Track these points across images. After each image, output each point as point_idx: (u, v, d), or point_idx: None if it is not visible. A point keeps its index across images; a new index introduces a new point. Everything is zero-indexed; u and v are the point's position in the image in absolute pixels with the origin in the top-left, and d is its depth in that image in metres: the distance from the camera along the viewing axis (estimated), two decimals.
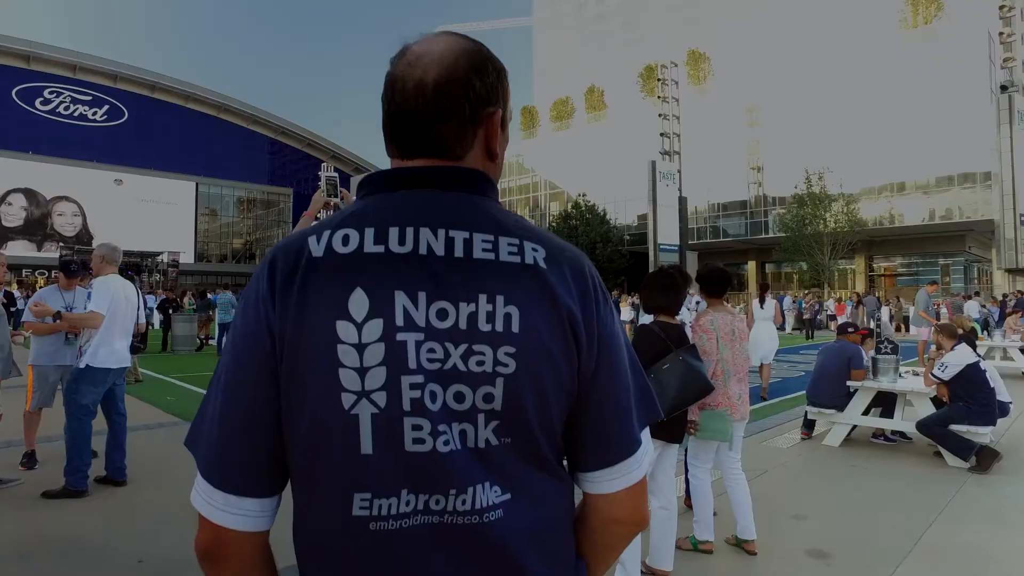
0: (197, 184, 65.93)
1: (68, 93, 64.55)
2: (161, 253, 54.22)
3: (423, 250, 0.80)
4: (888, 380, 5.92)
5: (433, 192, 0.85)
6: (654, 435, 3.12)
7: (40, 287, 42.96)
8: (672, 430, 3.16)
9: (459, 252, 0.80)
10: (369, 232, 0.80)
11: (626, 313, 21.21)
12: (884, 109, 33.26)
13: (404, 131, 0.87)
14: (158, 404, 8.11)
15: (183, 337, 15.17)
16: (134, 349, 5.19)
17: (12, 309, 15.09)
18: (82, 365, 4.54)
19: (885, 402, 6.14)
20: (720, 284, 3.72)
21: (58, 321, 4.88)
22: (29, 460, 5.26)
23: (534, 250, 0.83)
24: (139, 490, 4.71)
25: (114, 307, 4.61)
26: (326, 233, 0.81)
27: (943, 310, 18.35)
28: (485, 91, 0.87)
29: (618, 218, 45.10)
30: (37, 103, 62.94)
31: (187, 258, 60.14)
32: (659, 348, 3.08)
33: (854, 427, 6.21)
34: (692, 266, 38.00)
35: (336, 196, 2.89)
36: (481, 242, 0.82)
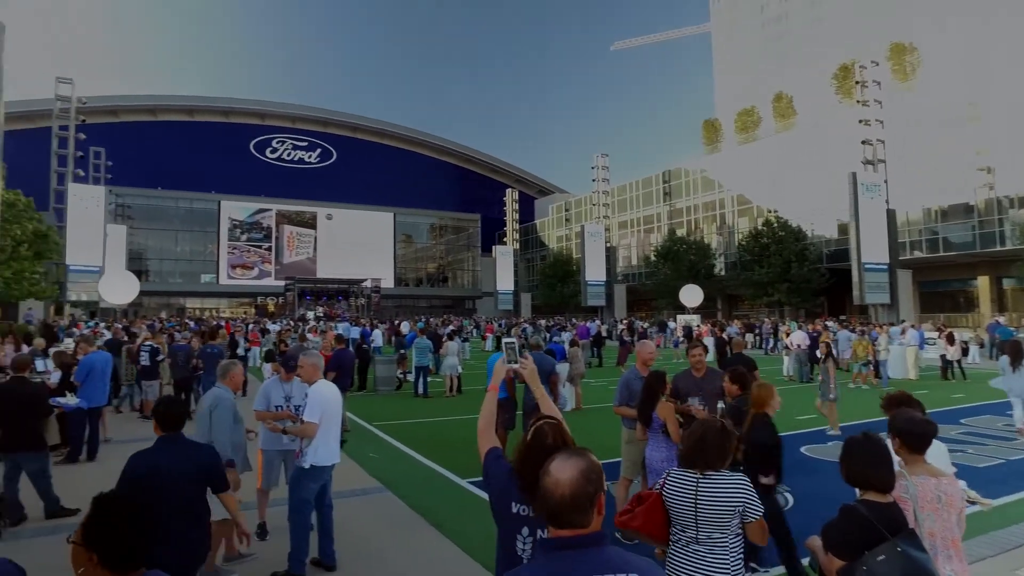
0: (395, 214, 71.81)
1: (290, 141, 74.22)
2: (365, 280, 59.84)
3: None
4: None
5: (576, 552, 1.68)
6: None
7: (271, 310, 48.91)
8: None
9: None
10: None
11: (798, 336, 19.96)
12: None
13: (558, 520, 1.72)
14: (362, 463, 8.81)
15: (384, 378, 16.46)
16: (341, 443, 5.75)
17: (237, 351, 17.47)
18: (307, 465, 5.08)
19: None
20: (922, 437, 3.14)
21: (286, 424, 5.64)
22: (261, 531, 6.04)
23: None
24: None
25: (326, 413, 5.14)
26: None
27: None
28: (595, 489, 1.73)
29: (815, 229, 41.67)
30: (267, 152, 73.11)
31: (387, 283, 65.73)
32: (870, 535, 2.71)
33: None
34: (905, 286, 33.93)
35: (516, 362, 2.95)
36: None
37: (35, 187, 34.74)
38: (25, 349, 12.58)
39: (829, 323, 27.27)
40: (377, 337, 23.92)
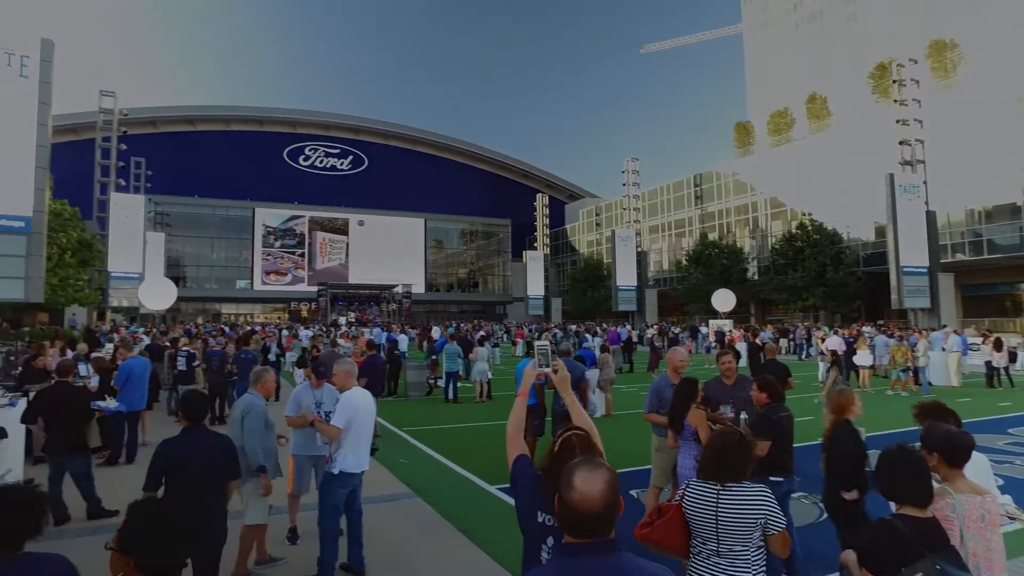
0: (426, 220, 72.19)
1: (322, 148, 75.26)
2: (396, 285, 60.27)
3: None
4: None
5: (594, 558, 1.73)
6: None
7: (304, 316, 49.78)
8: None
9: None
10: None
11: (834, 341, 19.26)
12: None
13: (581, 531, 1.76)
14: (393, 469, 8.86)
15: (415, 383, 16.55)
16: (371, 451, 5.78)
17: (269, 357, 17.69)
18: (335, 471, 5.11)
19: None
20: (960, 451, 2.99)
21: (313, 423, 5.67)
22: (292, 535, 6.11)
23: None
24: None
25: (355, 421, 5.17)
26: None
27: None
28: (617, 498, 1.76)
29: (851, 232, 40.80)
30: (300, 159, 74.26)
31: (418, 288, 66.14)
32: (907, 551, 2.60)
33: None
34: (947, 290, 32.96)
35: (548, 366, 2.93)
36: None
37: (80, 197, 35.87)
38: (70, 354, 12.98)
39: (865, 328, 26.63)
40: (403, 342, 24.05)
